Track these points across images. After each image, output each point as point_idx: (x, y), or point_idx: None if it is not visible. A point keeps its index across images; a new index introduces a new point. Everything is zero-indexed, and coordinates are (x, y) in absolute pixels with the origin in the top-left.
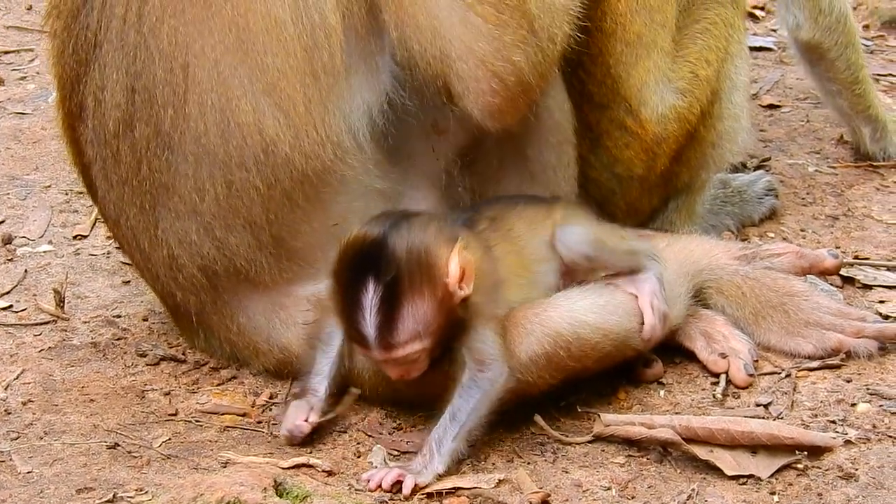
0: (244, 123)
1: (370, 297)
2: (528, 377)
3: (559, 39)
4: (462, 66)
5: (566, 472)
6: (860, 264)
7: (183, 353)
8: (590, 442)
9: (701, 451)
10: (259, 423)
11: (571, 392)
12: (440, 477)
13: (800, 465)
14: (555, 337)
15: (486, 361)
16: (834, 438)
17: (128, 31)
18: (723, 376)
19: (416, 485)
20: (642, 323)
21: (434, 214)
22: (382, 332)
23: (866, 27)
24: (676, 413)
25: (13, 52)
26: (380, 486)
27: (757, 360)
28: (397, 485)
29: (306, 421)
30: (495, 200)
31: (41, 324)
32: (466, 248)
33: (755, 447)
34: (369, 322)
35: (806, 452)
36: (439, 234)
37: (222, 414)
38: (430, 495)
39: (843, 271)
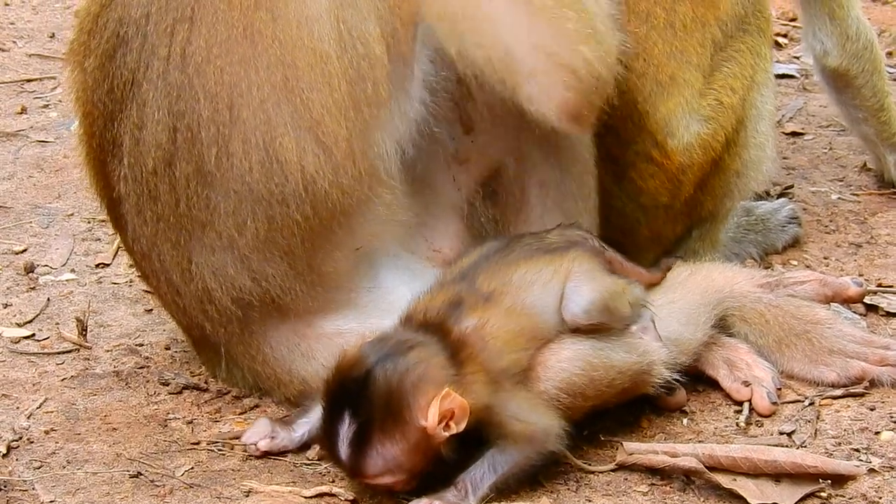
0: (287, 161)
1: (344, 432)
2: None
3: (616, 42)
4: (531, 62)
5: (589, 501)
6: (884, 292)
7: (205, 382)
8: (613, 470)
9: (724, 480)
10: (282, 452)
11: (594, 421)
12: None
13: (823, 494)
14: (568, 382)
15: (532, 437)
16: (858, 467)
17: (171, 72)
18: (746, 404)
19: None
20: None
21: (430, 350)
22: (353, 464)
23: (890, 54)
24: (699, 441)
25: (35, 80)
26: None
27: (780, 389)
28: None
29: (255, 445)
30: (496, 254)
31: (63, 352)
32: (458, 385)
33: (778, 476)
34: (342, 452)
35: (829, 481)
36: (425, 377)
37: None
38: None
39: (866, 299)
